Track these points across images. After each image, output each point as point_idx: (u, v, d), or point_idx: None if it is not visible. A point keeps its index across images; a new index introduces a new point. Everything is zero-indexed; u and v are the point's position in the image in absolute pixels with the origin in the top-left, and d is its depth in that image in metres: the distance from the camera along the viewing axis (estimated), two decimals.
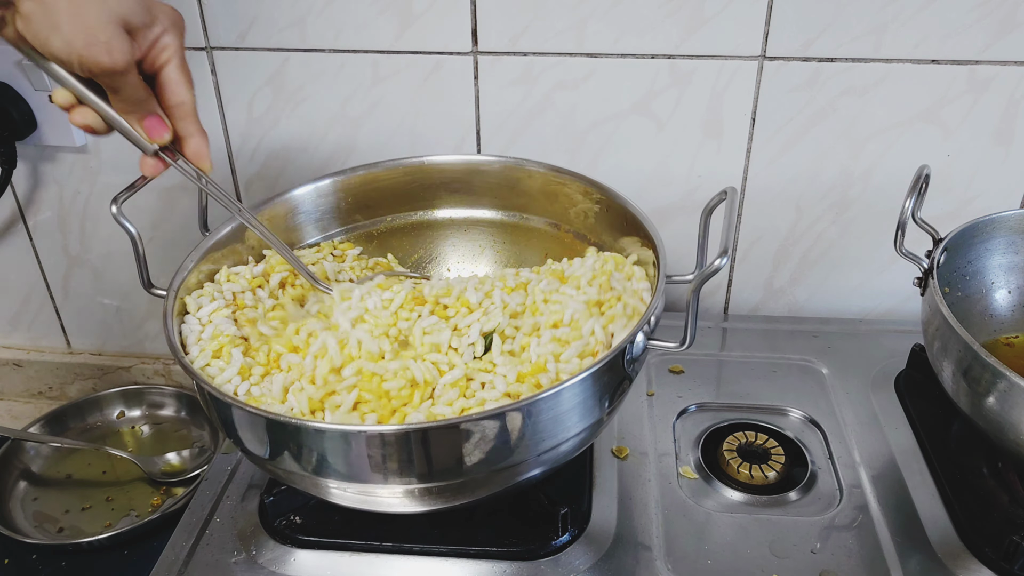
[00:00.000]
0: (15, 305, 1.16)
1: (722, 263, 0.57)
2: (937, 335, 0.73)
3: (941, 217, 0.87)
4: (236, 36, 0.92)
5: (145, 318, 1.14)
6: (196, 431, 1.07)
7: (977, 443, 0.79)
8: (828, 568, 0.69)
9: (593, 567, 0.69)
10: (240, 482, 0.79)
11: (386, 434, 0.58)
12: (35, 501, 0.98)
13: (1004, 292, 0.86)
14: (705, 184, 0.95)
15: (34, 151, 1.02)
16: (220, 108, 0.97)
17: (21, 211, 1.07)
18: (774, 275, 1.01)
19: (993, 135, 0.89)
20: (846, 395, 0.87)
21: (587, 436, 0.66)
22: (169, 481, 1.00)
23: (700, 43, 0.87)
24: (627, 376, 0.65)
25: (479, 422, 0.58)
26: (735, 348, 0.95)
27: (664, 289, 0.67)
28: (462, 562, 0.70)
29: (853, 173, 0.93)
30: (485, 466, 0.60)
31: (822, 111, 0.90)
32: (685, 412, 0.86)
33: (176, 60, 0.64)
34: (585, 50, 0.89)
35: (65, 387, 1.19)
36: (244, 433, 0.62)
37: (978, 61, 0.86)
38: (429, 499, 0.63)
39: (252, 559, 0.71)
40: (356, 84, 0.94)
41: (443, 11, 0.88)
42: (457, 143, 0.96)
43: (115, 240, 1.07)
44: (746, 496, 0.76)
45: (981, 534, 0.71)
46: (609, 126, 0.93)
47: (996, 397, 0.66)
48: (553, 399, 0.59)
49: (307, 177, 0.83)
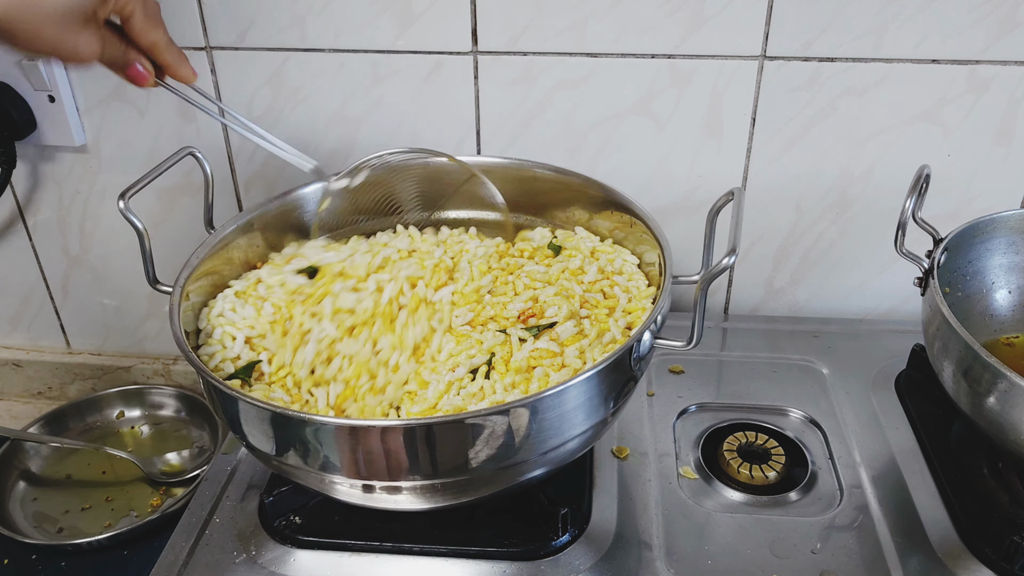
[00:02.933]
0: (15, 305, 1.16)
1: (730, 262, 0.58)
2: (937, 335, 0.73)
3: (941, 217, 0.87)
4: (236, 36, 0.92)
5: (145, 318, 1.14)
6: (196, 431, 1.07)
7: (977, 443, 0.79)
8: (828, 568, 0.69)
9: (593, 567, 0.69)
10: (240, 482, 0.79)
11: (391, 429, 0.58)
12: (35, 501, 0.98)
13: (1004, 292, 0.86)
14: (705, 184, 0.95)
15: (34, 151, 1.02)
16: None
17: (21, 211, 1.07)
18: (774, 275, 1.01)
19: (993, 135, 0.89)
20: (846, 395, 0.87)
21: (591, 436, 0.66)
22: (169, 481, 1.00)
23: (700, 43, 0.87)
24: (633, 376, 0.65)
25: (485, 418, 0.58)
26: (735, 348, 0.95)
27: (670, 288, 0.67)
28: (462, 562, 0.70)
29: (853, 173, 0.93)
30: (490, 463, 0.60)
31: (822, 111, 0.90)
32: (685, 412, 0.86)
33: (139, 9, 0.68)
34: (585, 50, 0.89)
35: (65, 387, 1.19)
36: (249, 428, 0.62)
37: (978, 61, 0.86)
38: (433, 496, 0.64)
39: (252, 559, 0.71)
40: (356, 84, 0.94)
41: (443, 11, 0.88)
42: (457, 143, 0.96)
43: (115, 240, 1.07)
44: (746, 496, 0.76)
45: (981, 534, 0.71)
46: (609, 126, 0.93)
47: (996, 397, 0.66)
48: (559, 396, 0.60)
49: (307, 177, 0.83)
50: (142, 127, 0.99)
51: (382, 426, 0.58)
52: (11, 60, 0.94)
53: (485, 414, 0.58)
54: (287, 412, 0.60)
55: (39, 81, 0.95)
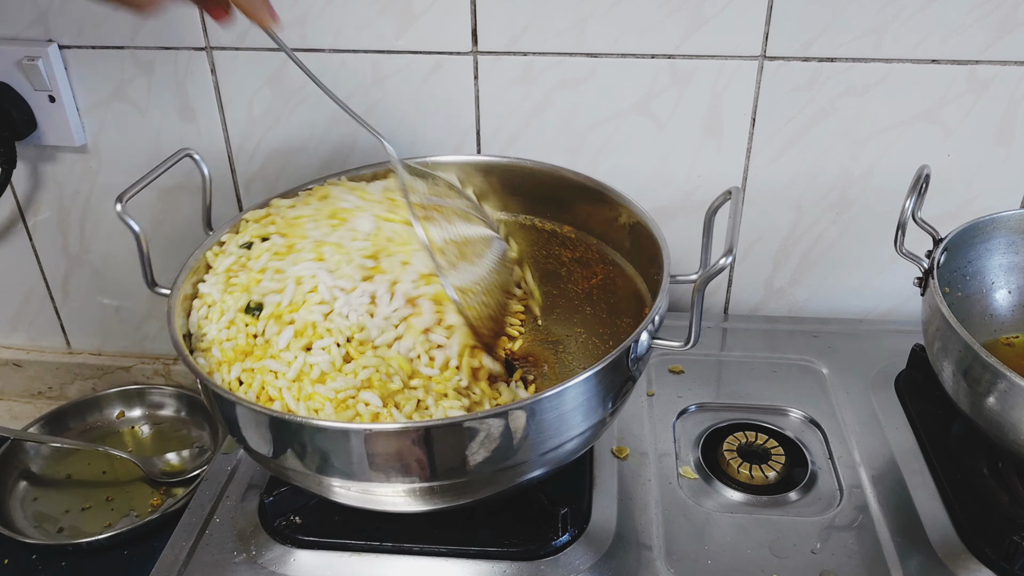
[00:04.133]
0: (15, 305, 1.16)
1: (727, 262, 0.58)
2: (937, 335, 0.73)
3: (941, 217, 0.87)
4: (236, 36, 0.92)
5: (145, 318, 1.14)
6: (196, 431, 1.07)
7: (977, 443, 0.79)
8: (828, 568, 0.69)
9: (593, 567, 0.69)
10: (240, 482, 0.79)
11: (389, 432, 0.58)
12: (35, 501, 0.98)
13: (1004, 292, 0.86)
14: (705, 184, 0.95)
15: (34, 151, 1.02)
16: (220, 108, 0.97)
17: (21, 211, 1.07)
18: (774, 275, 1.01)
19: (993, 135, 0.89)
20: (846, 395, 0.87)
21: (590, 436, 0.66)
22: (169, 481, 1.00)
23: (700, 43, 0.87)
24: (631, 376, 0.65)
25: (482, 420, 0.58)
26: (735, 348, 0.95)
27: (669, 288, 0.67)
28: (462, 562, 0.70)
29: (853, 173, 0.93)
30: (487, 465, 0.60)
31: (822, 111, 0.90)
32: (685, 412, 0.86)
33: None
34: (585, 50, 0.89)
35: (65, 387, 1.19)
36: (247, 431, 0.62)
37: (978, 61, 0.86)
38: (432, 498, 0.64)
39: (252, 559, 0.71)
40: (356, 84, 0.94)
41: (443, 11, 0.88)
42: (457, 143, 0.96)
43: (115, 240, 1.07)
44: (746, 496, 0.76)
45: (981, 534, 0.71)
46: (609, 126, 0.93)
47: (996, 397, 0.66)
48: (557, 398, 0.60)
49: (307, 177, 0.83)
50: (142, 127, 0.99)
51: (379, 430, 0.59)
52: (11, 60, 0.94)
53: (483, 416, 0.58)
54: (284, 416, 0.60)
55: (39, 81, 0.95)
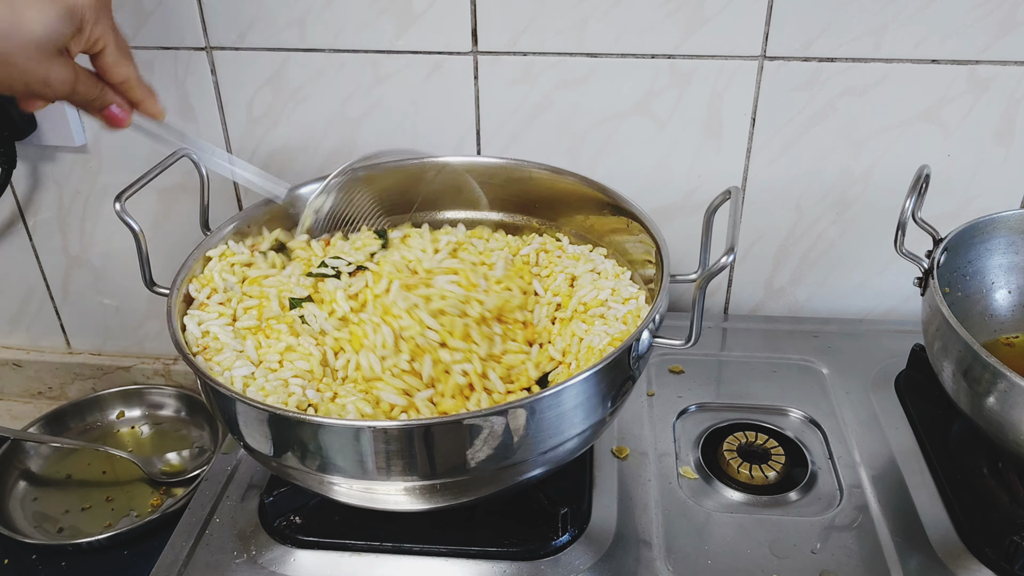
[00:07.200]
0: (15, 305, 1.16)
1: (728, 260, 0.58)
2: (937, 335, 0.73)
3: (941, 217, 0.87)
4: (236, 36, 0.92)
5: (145, 318, 1.14)
6: (196, 431, 1.07)
7: (977, 443, 0.79)
8: (828, 568, 0.69)
9: (593, 567, 0.69)
10: (240, 482, 0.79)
11: (389, 430, 0.58)
12: (35, 501, 0.98)
13: (1004, 292, 0.86)
14: (705, 184, 0.95)
15: (34, 151, 1.02)
16: (220, 108, 0.97)
17: (21, 211, 1.07)
18: (774, 275, 1.01)
19: (993, 135, 0.89)
20: (846, 395, 0.87)
21: (590, 435, 0.66)
22: (169, 481, 1.00)
23: (700, 43, 0.87)
24: (631, 375, 0.65)
25: (483, 419, 0.58)
26: (735, 348, 0.95)
27: (668, 288, 0.67)
28: (462, 562, 0.70)
29: (853, 173, 0.93)
30: (488, 463, 0.60)
31: (822, 111, 0.90)
32: (685, 412, 0.86)
33: (111, 44, 0.66)
34: (585, 50, 0.89)
35: (65, 387, 1.19)
36: (247, 429, 0.62)
37: (978, 61, 0.86)
38: (432, 497, 0.64)
39: (252, 559, 0.71)
40: (356, 84, 0.94)
41: (443, 11, 0.88)
42: (457, 143, 0.96)
43: (115, 240, 1.07)
44: (746, 496, 0.76)
45: (981, 534, 0.71)
46: (609, 126, 0.93)
47: (996, 397, 0.66)
48: (557, 396, 0.60)
49: (306, 177, 0.83)
50: None
51: (380, 427, 0.58)
52: None
53: (483, 414, 0.58)
54: (284, 413, 0.60)
55: None
